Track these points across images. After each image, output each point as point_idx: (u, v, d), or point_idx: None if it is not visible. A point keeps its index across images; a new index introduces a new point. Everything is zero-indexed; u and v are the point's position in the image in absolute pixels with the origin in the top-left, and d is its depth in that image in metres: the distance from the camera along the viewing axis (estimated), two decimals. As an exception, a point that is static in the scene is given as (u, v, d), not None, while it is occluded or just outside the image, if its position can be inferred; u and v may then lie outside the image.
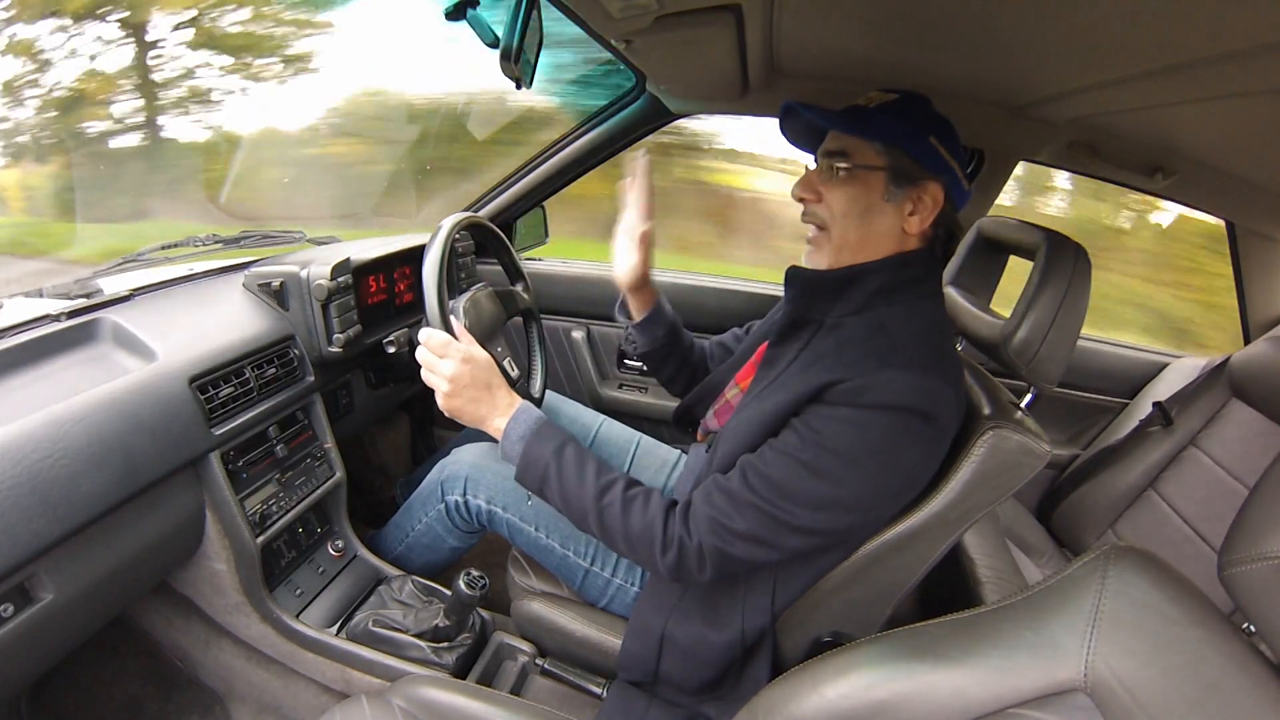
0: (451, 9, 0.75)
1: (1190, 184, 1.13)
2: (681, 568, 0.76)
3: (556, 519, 1.01)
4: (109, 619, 0.86)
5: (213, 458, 0.89)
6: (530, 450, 0.81)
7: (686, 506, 0.77)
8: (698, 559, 0.75)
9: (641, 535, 0.77)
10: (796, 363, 0.82)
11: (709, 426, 1.00)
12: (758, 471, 0.74)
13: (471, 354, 0.85)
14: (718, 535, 0.74)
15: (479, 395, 0.84)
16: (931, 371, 0.71)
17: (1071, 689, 0.48)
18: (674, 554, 0.75)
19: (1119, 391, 1.58)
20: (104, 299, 0.95)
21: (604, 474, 0.80)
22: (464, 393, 0.83)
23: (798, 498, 0.71)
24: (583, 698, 0.98)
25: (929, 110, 0.78)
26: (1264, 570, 0.44)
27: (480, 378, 0.84)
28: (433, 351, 0.85)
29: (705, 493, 0.77)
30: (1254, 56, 0.59)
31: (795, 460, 0.72)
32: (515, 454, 0.83)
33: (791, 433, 0.74)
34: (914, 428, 0.70)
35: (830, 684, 0.56)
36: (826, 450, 0.71)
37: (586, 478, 0.79)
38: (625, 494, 0.79)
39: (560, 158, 1.50)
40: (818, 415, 0.73)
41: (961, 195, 0.80)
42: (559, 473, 0.80)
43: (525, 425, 0.83)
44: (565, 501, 0.80)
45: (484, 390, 0.84)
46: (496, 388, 0.86)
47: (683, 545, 0.75)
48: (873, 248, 0.79)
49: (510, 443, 0.83)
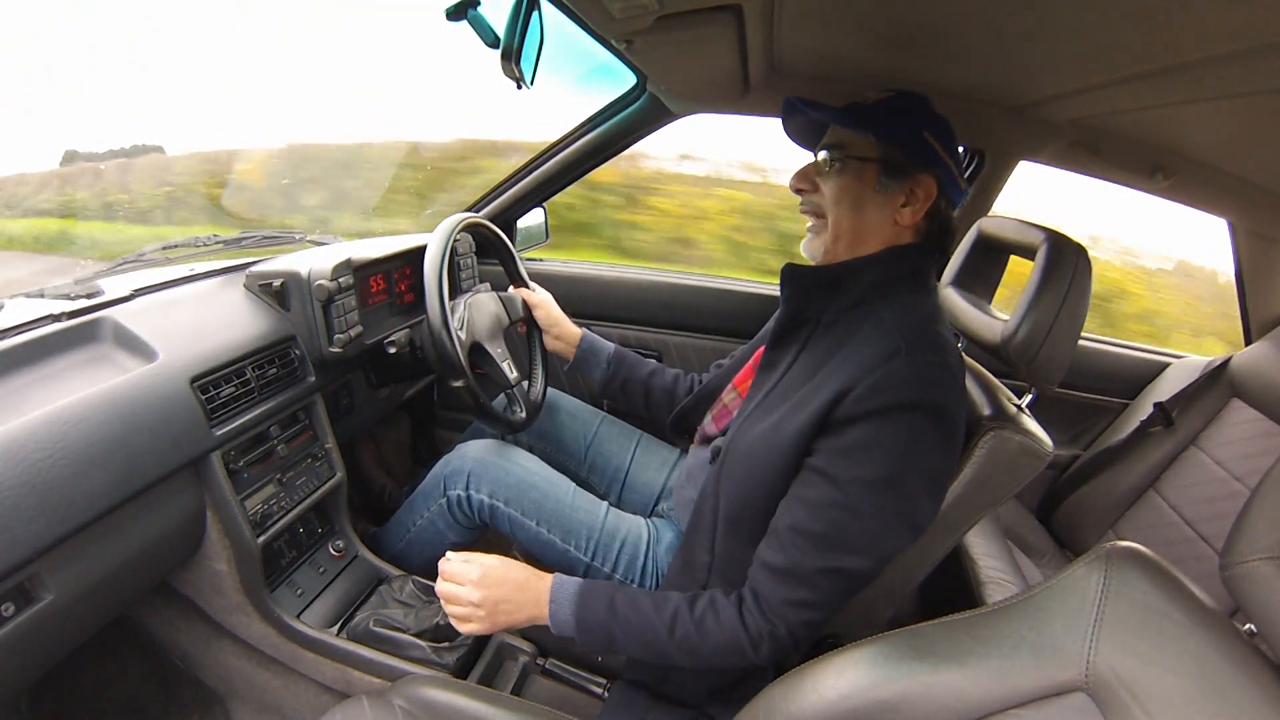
0: (452, 9, 0.76)
1: (1190, 184, 1.13)
2: (776, 652, 0.75)
3: (558, 514, 1.01)
4: (109, 619, 0.86)
5: (214, 457, 0.89)
6: (585, 622, 0.79)
7: (756, 599, 0.76)
8: (790, 641, 0.75)
9: (729, 647, 0.75)
10: (796, 365, 0.82)
11: (707, 431, 1.00)
12: (803, 534, 0.72)
13: (484, 567, 0.82)
14: (799, 612, 0.73)
15: (515, 599, 0.81)
16: (934, 360, 0.71)
17: (1072, 689, 0.48)
18: (767, 648, 0.74)
19: (1120, 392, 1.58)
20: (105, 299, 0.95)
21: (663, 607, 0.78)
22: (502, 607, 0.80)
23: (851, 544, 0.71)
24: (584, 698, 0.97)
25: (925, 108, 0.80)
26: (1265, 570, 0.44)
27: (505, 581, 0.81)
28: (451, 586, 0.82)
29: (767, 578, 0.75)
30: (1254, 57, 0.59)
31: (834, 507, 0.71)
32: (572, 631, 0.79)
33: (819, 478, 0.73)
34: (927, 424, 0.70)
35: (830, 684, 0.56)
36: (859, 483, 0.70)
37: (649, 620, 0.77)
38: (693, 616, 0.77)
39: (561, 158, 1.50)
40: (838, 449, 0.72)
41: (956, 192, 0.81)
42: (624, 629, 0.77)
43: (569, 602, 0.80)
44: (644, 650, 0.78)
45: (518, 590, 0.81)
46: (526, 580, 0.82)
47: (773, 637, 0.74)
48: (867, 238, 0.81)
49: (561, 624, 0.80)
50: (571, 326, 1.24)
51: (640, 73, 1.24)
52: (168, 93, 3.08)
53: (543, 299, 1.23)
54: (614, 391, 1.22)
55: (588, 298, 1.63)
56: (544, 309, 1.23)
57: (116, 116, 2.86)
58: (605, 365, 1.21)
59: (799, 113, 0.83)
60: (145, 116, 3.00)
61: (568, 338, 1.22)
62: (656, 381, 1.20)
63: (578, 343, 1.22)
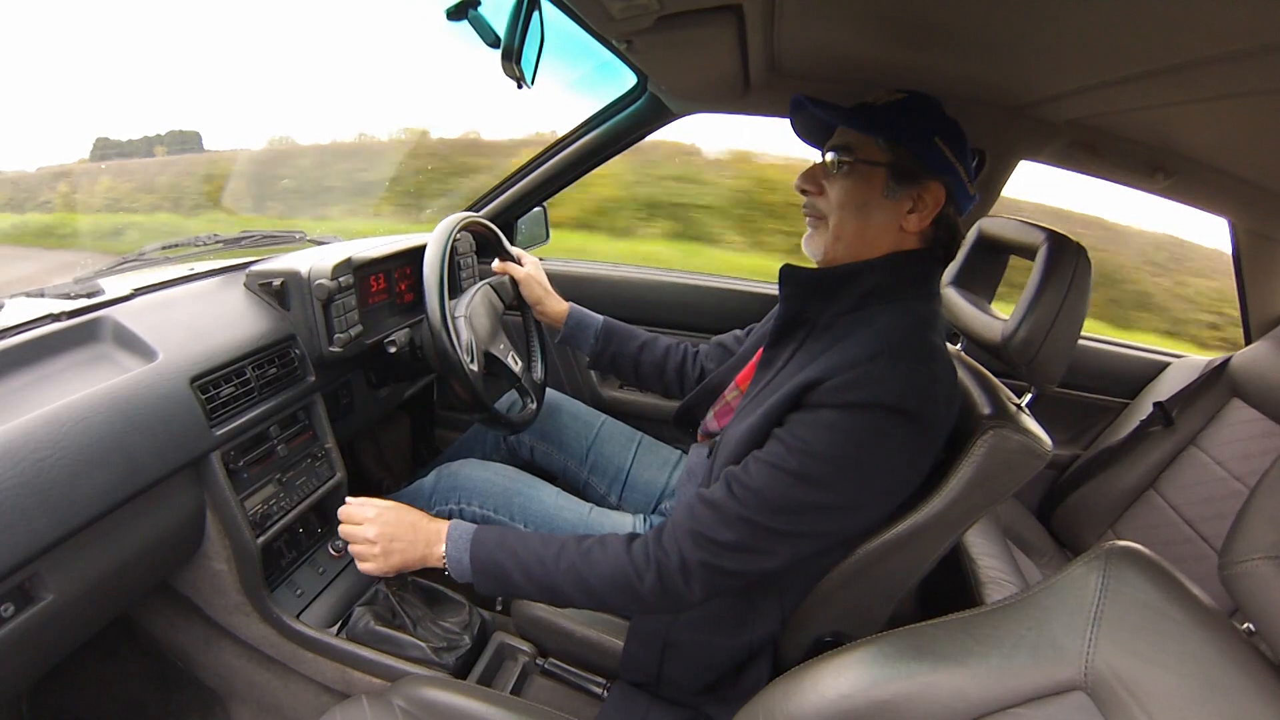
0: (453, 9, 0.76)
1: (1190, 184, 1.13)
2: (666, 590, 0.74)
3: (551, 524, 1.02)
4: (109, 619, 0.86)
5: (213, 457, 0.89)
6: (478, 559, 0.81)
7: (659, 531, 0.76)
8: (682, 575, 0.73)
9: (614, 575, 0.75)
10: (791, 364, 0.82)
11: (709, 428, 1.00)
12: (742, 483, 0.73)
13: (378, 509, 0.87)
14: (702, 548, 0.73)
15: (411, 537, 0.84)
16: (918, 368, 0.70)
17: (1071, 688, 0.48)
18: (653, 577, 0.73)
19: (1120, 391, 1.58)
20: (105, 299, 0.94)
21: (550, 541, 0.80)
22: (395, 545, 0.84)
23: (786, 506, 0.71)
24: (584, 698, 0.97)
25: (937, 111, 0.78)
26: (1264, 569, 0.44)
27: (399, 522, 0.85)
28: (349, 526, 0.87)
29: (687, 508, 0.76)
30: (1254, 56, 0.59)
31: (780, 469, 0.71)
32: (467, 570, 0.82)
33: (775, 442, 0.73)
34: (897, 427, 0.69)
35: (830, 684, 0.56)
36: (811, 455, 0.70)
37: (537, 552, 0.79)
38: (580, 547, 0.78)
39: (561, 158, 1.50)
40: (800, 422, 0.72)
41: (966, 199, 0.79)
42: (515, 564, 0.79)
43: (462, 539, 0.83)
44: (531, 582, 0.79)
45: (410, 530, 0.85)
46: (417, 521, 0.86)
47: (660, 566, 0.73)
48: (869, 243, 0.79)
49: (456, 563, 0.82)
50: (556, 304, 1.23)
51: (640, 73, 1.24)
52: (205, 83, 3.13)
53: (526, 274, 1.21)
54: (604, 365, 1.23)
55: (589, 298, 1.63)
56: (527, 286, 1.21)
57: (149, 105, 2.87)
58: (594, 340, 1.21)
59: (807, 111, 0.82)
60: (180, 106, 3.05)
61: (553, 316, 1.22)
62: (646, 356, 1.21)
63: (564, 319, 1.22)
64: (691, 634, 0.85)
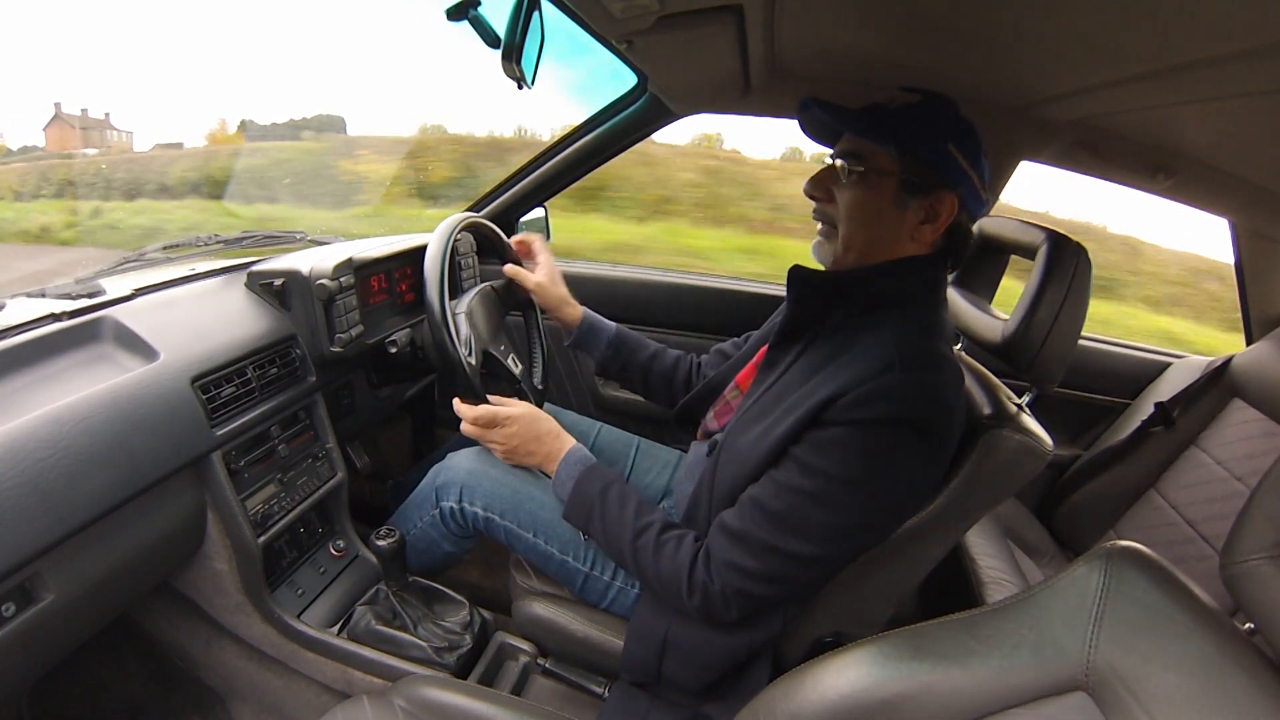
0: (453, 9, 0.76)
1: (1192, 184, 1.13)
2: (708, 611, 0.78)
3: (554, 525, 1.00)
4: (110, 619, 0.86)
5: (214, 457, 0.89)
6: (579, 490, 0.88)
7: (707, 554, 0.78)
8: (722, 602, 0.77)
9: (670, 579, 0.79)
10: (795, 368, 0.82)
11: (708, 427, 1.00)
12: (763, 508, 0.74)
13: (511, 415, 0.94)
14: (736, 578, 0.75)
15: (532, 448, 0.95)
16: (930, 379, 0.70)
17: (1072, 688, 0.48)
18: (699, 598, 0.77)
19: (1121, 392, 1.57)
20: (106, 299, 0.95)
21: (643, 515, 0.84)
22: (518, 451, 0.95)
23: (807, 531, 0.72)
24: (584, 698, 0.98)
25: (952, 115, 0.75)
26: (1265, 569, 0.44)
27: (528, 433, 0.94)
28: (478, 426, 0.95)
29: (719, 537, 0.78)
30: (1254, 56, 0.59)
31: (799, 492, 0.72)
32: (565, 493, 0.90)
33: (793, 464, 0.73)
34: (913, 440, 0.69)
35: (831, 684, 0.56)
36: (830, 478, 0.70)
37: (626, 518, 0.83)
38: (659, 537, 0.81)
39: (562, 158, 1.50)
40: (817, 442, 0.72)
41: (978, 205, 0.77)
42: (602, 513, 0.85)
43: (575, 466, 0.91)
44: (606, 539, 0.85)
45: (535, 442, 0.94)
46: (544, 435, 0.95)
47: (706, 590, 0.77)
48: (879, 252, 0.79)
49: (560, 483, 0.91)
50: (570, 311, 1.20)
51: (641, 73, 1.24)
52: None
53: (537, 282, 1.17)
54: (613, 373, 1.23)
55: (590, 298, 1.63)
56: (541, 293, 1.18)
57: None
58: (605, 347, 1.20)
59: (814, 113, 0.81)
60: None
61: (567, 322, 1.20)
62: (656, 366, 1.20)
63: (578, 324, 1.20)
64: (691, 634, 0.85)
